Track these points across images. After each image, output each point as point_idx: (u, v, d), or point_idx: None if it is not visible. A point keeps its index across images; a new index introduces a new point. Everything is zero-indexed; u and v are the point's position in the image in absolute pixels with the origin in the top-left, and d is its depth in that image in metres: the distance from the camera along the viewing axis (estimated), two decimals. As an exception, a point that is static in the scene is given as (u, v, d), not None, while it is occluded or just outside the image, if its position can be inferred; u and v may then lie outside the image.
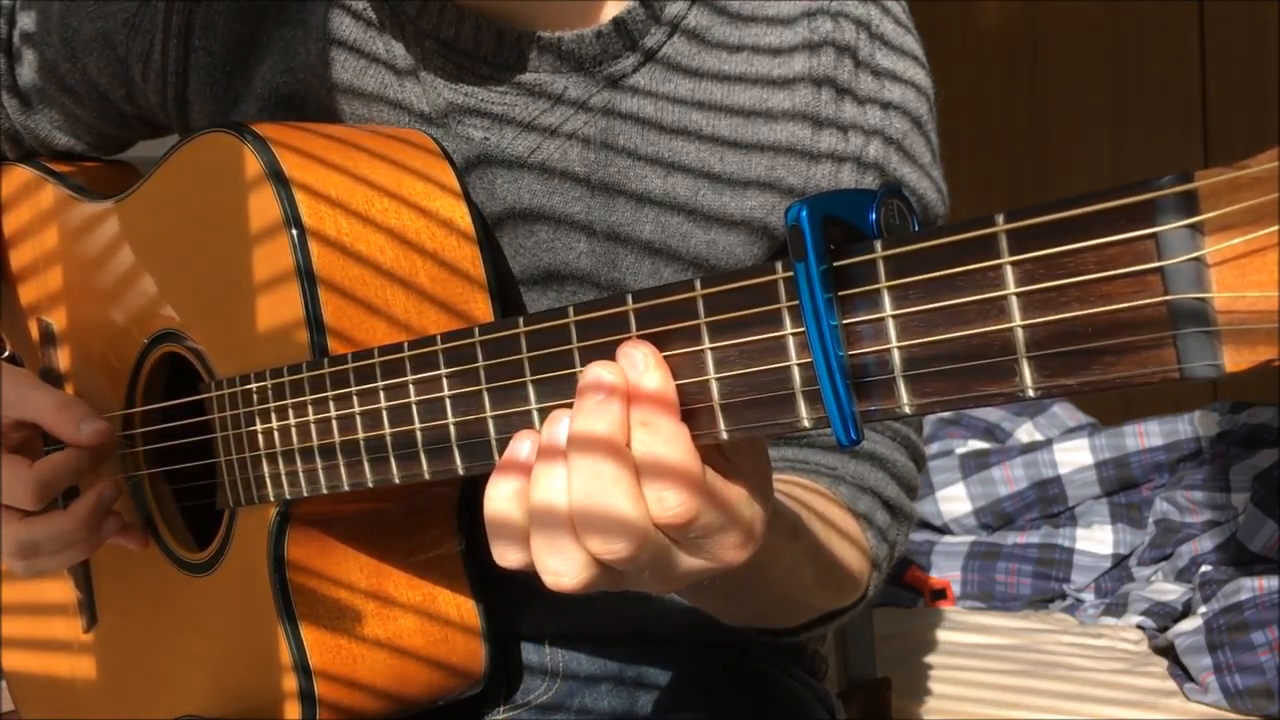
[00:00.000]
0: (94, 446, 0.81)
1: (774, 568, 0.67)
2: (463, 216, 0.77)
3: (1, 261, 0.99)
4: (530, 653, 0.89)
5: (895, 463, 0.87)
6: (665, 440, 0.50)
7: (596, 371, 0.51)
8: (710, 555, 0.54)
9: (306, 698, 0.73)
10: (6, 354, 0.97)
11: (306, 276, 0.71)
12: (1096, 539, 2.02)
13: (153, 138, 0.96)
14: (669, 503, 0.51)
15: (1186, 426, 2.08)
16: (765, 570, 0.66)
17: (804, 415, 0.46)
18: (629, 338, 0.51)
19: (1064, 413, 2.29)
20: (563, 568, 0.53)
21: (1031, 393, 0.39)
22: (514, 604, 0.86)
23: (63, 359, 0.94)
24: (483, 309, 0.77)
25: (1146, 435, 2.09)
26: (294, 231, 0.71)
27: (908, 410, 0.42)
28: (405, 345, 0.61)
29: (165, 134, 0.94)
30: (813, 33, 0.84)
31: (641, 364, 0.51)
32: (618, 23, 0.81)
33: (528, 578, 0.86)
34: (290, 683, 0.73)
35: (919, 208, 0.87)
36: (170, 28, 0.84)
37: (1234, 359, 0.35)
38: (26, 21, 0.92)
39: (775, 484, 0.59)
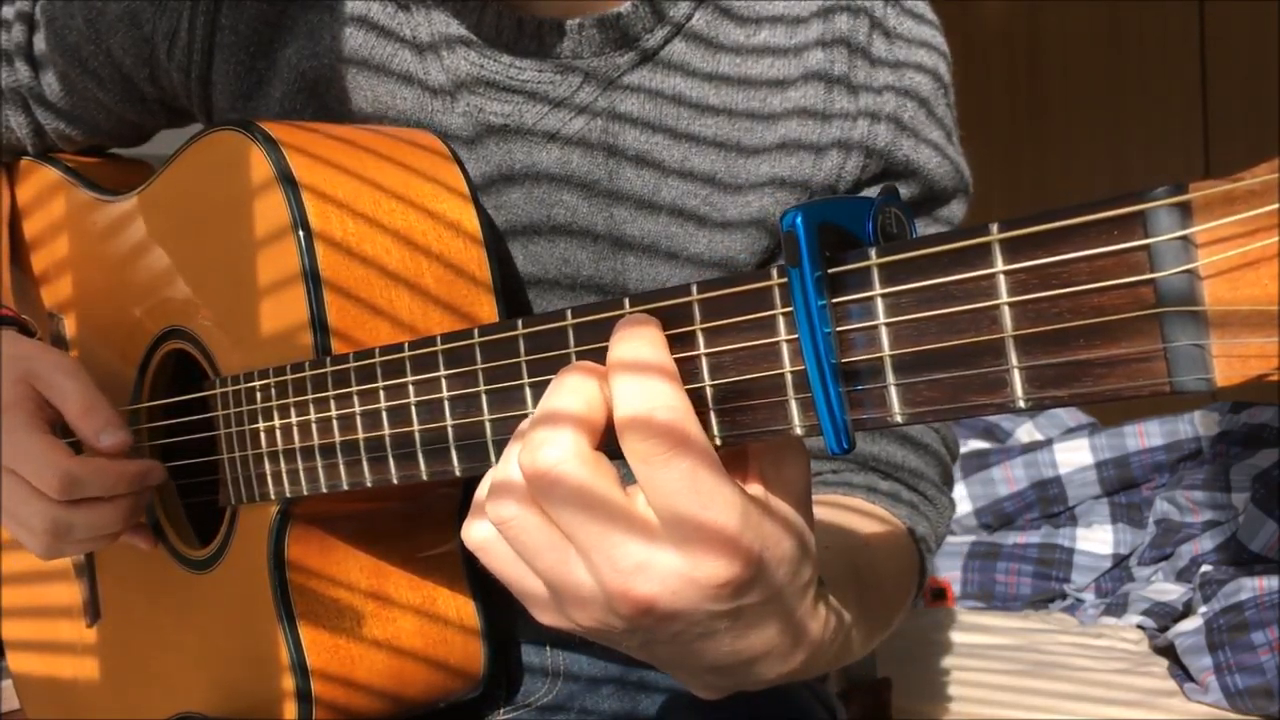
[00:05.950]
0: (110, 454, 0.80)
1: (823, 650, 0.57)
2: (470, 219, 0.77)
3: (18, 254, 1.00)
4: (531, 654, 0.89)
5: (928, 447, 0.86)
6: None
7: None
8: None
9: (303, 697, 0.73)
10: (35, 337, 0.97)
11: (312, 279, 0.71)
12: (1096, 539, 2.02)
13: (170, 126, 0.96)
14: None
15: (1187, 426, 2.09)
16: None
17: (796, 422, 0.46)
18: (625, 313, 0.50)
19: (1064, 412, 2.29)
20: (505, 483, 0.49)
21: (1022, 404, 0.39)
22: (515, 606, 0.86)
23: (71, 353, 0.94)
24: (488, 311, 0.77)
25: (1147, 435, 2.09)
26: (300, 234, 0.71)
27: (899, 419, 0.42)
28: (406, 345, 0.62)
29: (184, 123, 0.95)
30: (827, 29, 0.84)
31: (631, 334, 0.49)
32: (621, 17, 0.82)
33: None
34: (288, 682, 0.73)
35: (929, 184, 0.86)
36: (198, 6, 0.84)
37: (1225, 373, 0.35)
38: (47, 11, 0.93)
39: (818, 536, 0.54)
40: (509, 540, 0.50)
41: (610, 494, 0.47)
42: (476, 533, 0.52)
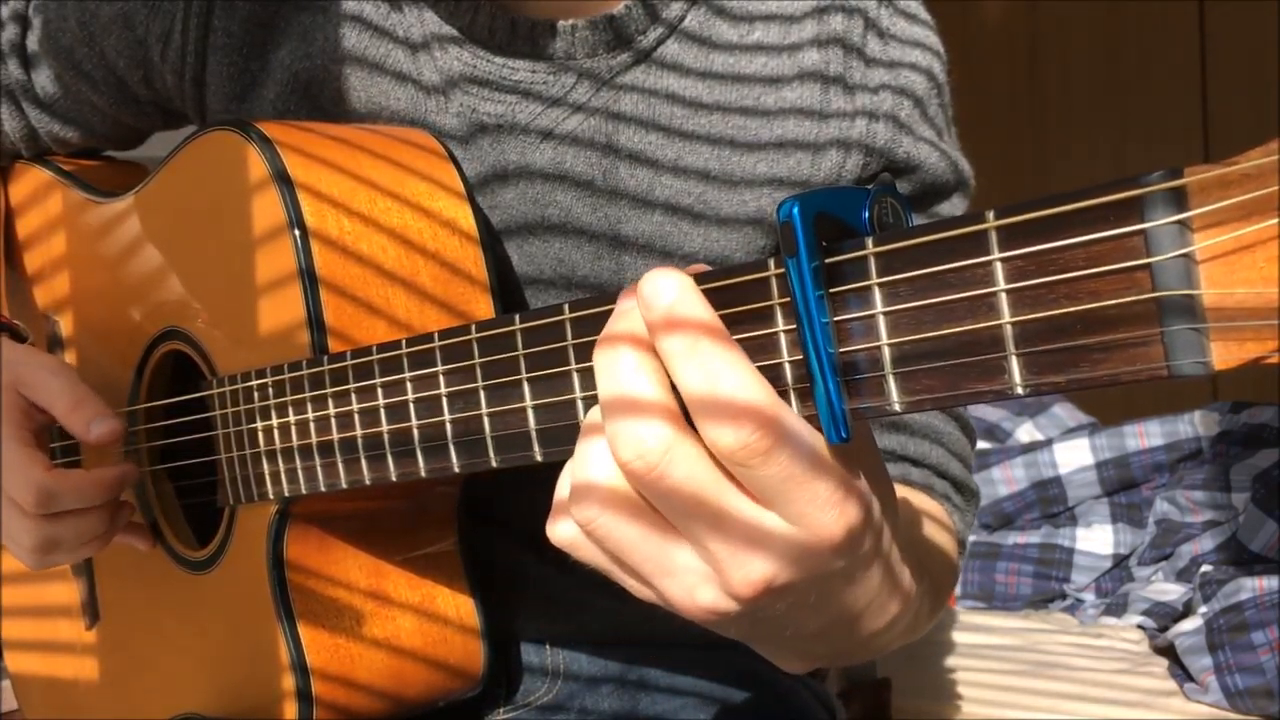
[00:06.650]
0: (101, 445, 0.80)
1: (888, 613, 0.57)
2: (466, 217, 0.77)
3: (13, 257, 1.00)
4: (531, 654, 0.89)
5: (950, 436, 0.86)
6: (719, 365, 0.45)
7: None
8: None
9: (303, 697, 0.73)
10: (28, 342, 0.97)
11: (308, 278, 0.71)
12: (1096, 539, 2.02)
13: (165, 129, 0.96)
14: (736, 436, 0.44)
15: (1187, 426, 2.08)
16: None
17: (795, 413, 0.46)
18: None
19: (1064, 412, 2.29)
20: (589, 469, 0.48)
21: (1020, 390, 0.39)
22: (514, 605, 0.86)
23: (68, 356, 0.94)
24: (485, 310, 0.77)
25: (1147, 435, 2.09)
26: (297, 233, 0.71)
27: (897, 408, 0.42)
28: (403, 343, 0.62)
29: (179, 125, 0.95)
30: (821, 28, 0.84)
31: (665, 290, 0.46)
32: (615, 18, 0.82)
33: (529, 578, 0.86)
34: (288, 681, 0.73)
35: (929, 181, 0.86)
36: (191, 7, 0.85)
37: (1222, 356, 0.35)
38: (41, 12, 0.93)
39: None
40: (595, 541, 0.49)
41: (720, 481, 0.46)
42: (563, 531, 0.51)
